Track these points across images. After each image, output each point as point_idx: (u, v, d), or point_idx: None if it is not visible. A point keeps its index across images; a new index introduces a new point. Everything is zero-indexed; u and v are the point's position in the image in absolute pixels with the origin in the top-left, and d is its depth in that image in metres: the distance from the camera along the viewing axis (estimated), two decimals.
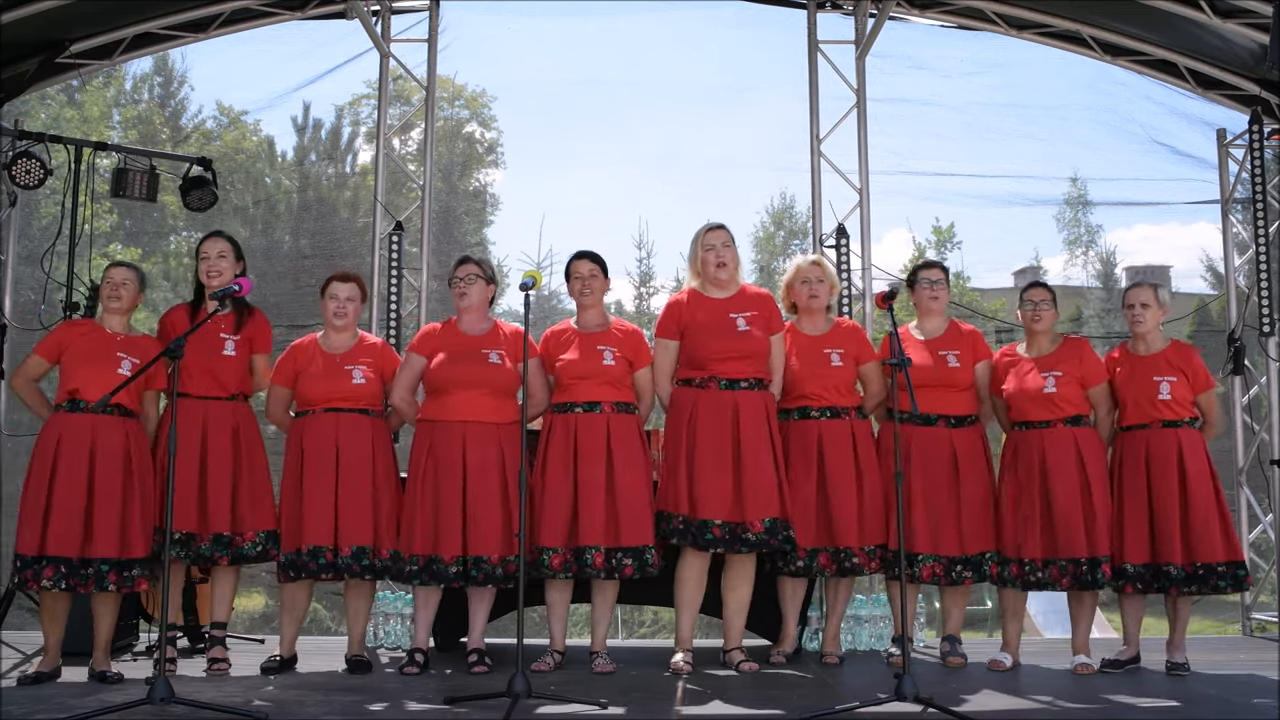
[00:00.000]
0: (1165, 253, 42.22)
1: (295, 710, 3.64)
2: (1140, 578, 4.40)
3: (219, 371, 4.37)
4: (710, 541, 4.25)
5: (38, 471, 4.09)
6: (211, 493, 4.29)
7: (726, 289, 4.50)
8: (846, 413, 4.55)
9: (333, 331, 4.53)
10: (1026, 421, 4.54)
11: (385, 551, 4.35)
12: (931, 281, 4.71)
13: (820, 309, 4.67)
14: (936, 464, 4.51)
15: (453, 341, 4.43)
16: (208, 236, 4.60)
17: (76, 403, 4.16)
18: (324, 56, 8.01)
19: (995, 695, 3.96)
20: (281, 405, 4.55)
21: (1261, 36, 5.73)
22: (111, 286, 4.34)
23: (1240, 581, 4.36)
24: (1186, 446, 4.39)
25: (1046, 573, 4.43)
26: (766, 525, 4.24)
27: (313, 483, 4.31)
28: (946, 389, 4.55)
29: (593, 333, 4.48)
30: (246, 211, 14.51)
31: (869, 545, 4.46)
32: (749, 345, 4.37)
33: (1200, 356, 4.56)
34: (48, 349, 4.30)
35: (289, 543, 4.34)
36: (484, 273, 4.54)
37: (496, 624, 4.93)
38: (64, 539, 4.02)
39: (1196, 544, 4.31)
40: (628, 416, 4.42)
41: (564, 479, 4.31)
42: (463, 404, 4.31)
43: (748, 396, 4.34)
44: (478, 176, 17.87)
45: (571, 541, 4.27)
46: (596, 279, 4.54)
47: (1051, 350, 4.60)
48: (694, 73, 30.40)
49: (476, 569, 4.22)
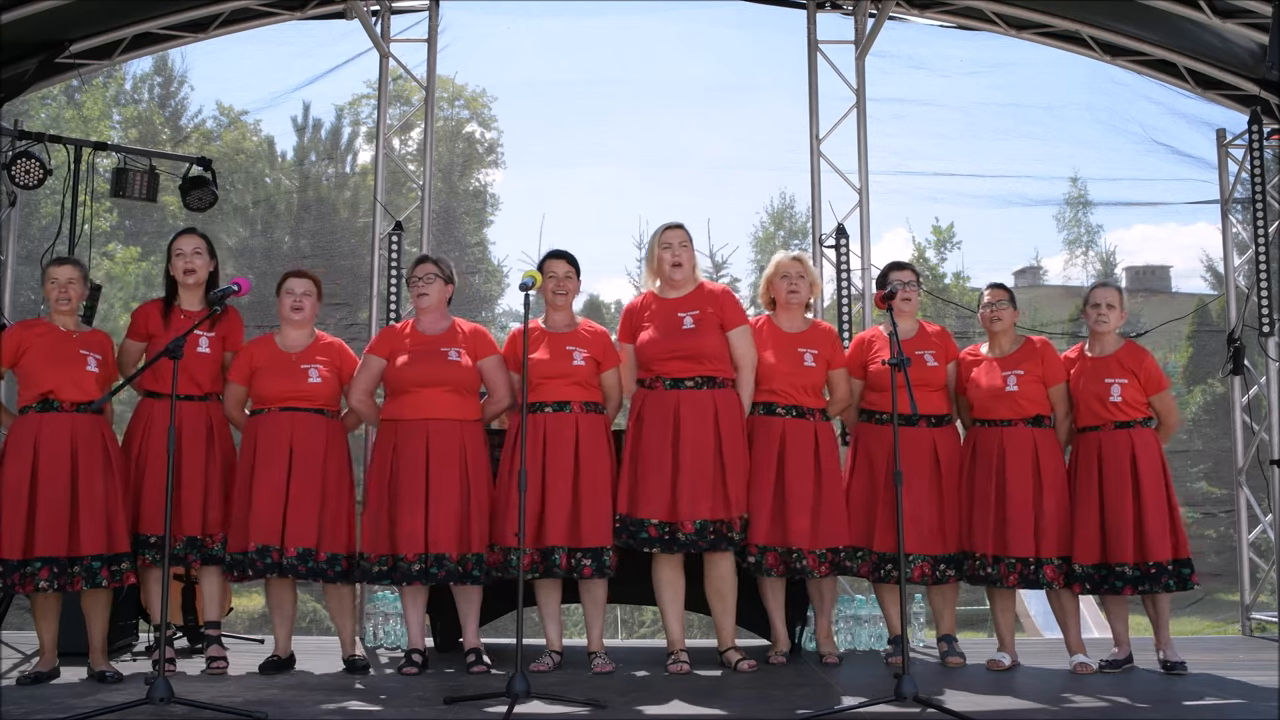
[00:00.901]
0: (1165, 253, 42.32)
1: (295, 710, 3.64)
2: (1089, 578, 4.42)
3: (193, 370, 4.34)
4: (645, 541, 4.24)
5: (16, 474, 4.03)
6: (184, 494, 4.26)
7: (681, 288, 4.47)
8: (812, 414, 4.53)
9: (289, 327, 4.49)
10: (988, 419, 4.57)
11: (323, 554, 4.29)
12: (904, 283, 4.69)
13: (799, 306, 4.64)
14: (920, 464, 4.50)
15: (412, 341, 4.42)
16: (181, 233, 4.57)
17: (50, 403, 4.12)
18: (324, 56, 8.01)
19: (995, 695, 3.96)
20: (237, 403, 4.50)
21: (1261, 36, 5.73)
22: (59, 288, 4.25)
23: (1185, 580, 4.37)
24: (1139, 446, 4.42)
25: (996, 569, 4.46)
26: (696, 526, 4.21)
27: (263, 482, 4.27)
28: (926, 388, 4.53)
29: (561, 333, 4.46)
30: (246, 211, 14.52)
31: (820, 548, 4.42)
32: (692, 344, 4.33)
33: (1153, 358, 4.58)
34: (4, 352, 4.20)
35: (236, 542, 4.29)
36: (442, 272, 4.51)
37: (496, 624, 4.94)
38: (52, 539, 4.00)
39: (1149, 543, 4.34)
40: (596, 416, 4.41)
41: (533, 479, 4.23)
42: (424, 402, 4.30)
43: (691, 396, 4.30)
44: (478, 176, 17.92)
45: (539, 541, 4.26)
46: (571, 280, 4.52)
47: (1013, 350, 4.64)
48: (694, 73, 30.51)
49: (437, 566, 4.21)
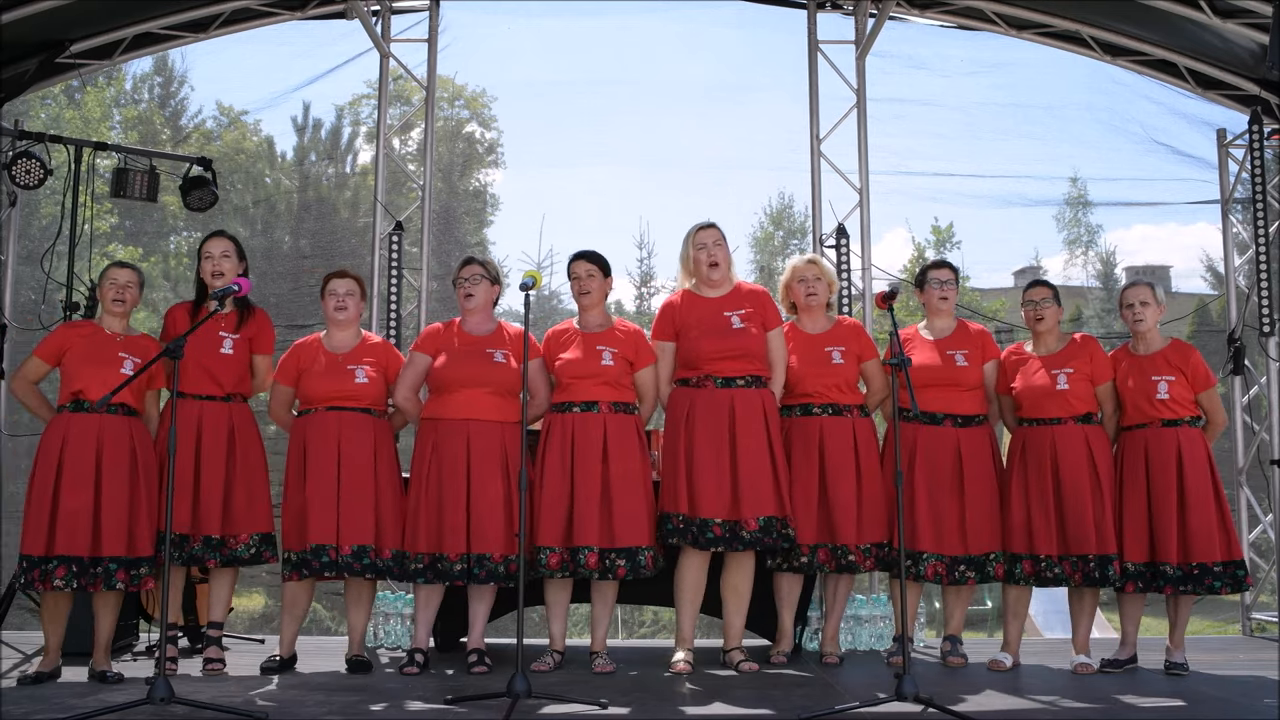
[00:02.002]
0: (1165, 253, 42.34)
1: (295, 710, 3.64)
2: (1140, 576, 4.40)
3: (215, 370, 4.36)
4: (711, 540, 4.25)
5: (43, 472, 4.08)
6: (204, 494, 4.28)
7: (720, 287, 4.50)
8: (848, 410, 4.55)
9: (335, 329, 4.53)
10: (1037, 418, 4.54)
11: (387, 551, 4.34)
12: (941, 282, 4.71)
13: (819, 307, 4.67)
14: (942, 463, 4.50)
15: (458, 341, 4.44)
16: (211, 236, 4.59)
17: (81, 403, 4.16)
18: (324, 56, 8.02)
19: (995, 695, 3.96)
20: (284, 404, 4.55)
21: (1261, 36, 5.73)
22: (117, 289, 4.32)
23: (1239, 582, 4.35)
24: (1186, 445, 4.39)
25: (1061, 568, 4.43)
26: (761, 523, 4.23)
27: (315, 481, 4.30)
28: (954, 388, 4.54)
29: (594, 333, 4.48)
30: (246, 211, 14.51)
31: (866, 543, 4.46)
32: (744, 343, 4.37)
33: (1200, 355, 4.55)
34: (48, 351, 4.28)
35: (294, 541, 4.33)
36: (488, 273, 4.54)
37: (496, 624, 4.94)
38: (73, 538, 4.01)
39: (1193, 543, 4.31)
40: (626, 416, 4.41)
41: (561, 479, 4.30)
42: (466, 403, 4.31)
43: (744, 394, 4.34)
44: (478, 176, 17.89)
45: (568, 541, 4.27)
46: (594, 279, 4.53)
47: (1060, 348, 4.60)
48: (694, 73, 30.51)
49: (479, 567, 4.22)
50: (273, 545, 4.44)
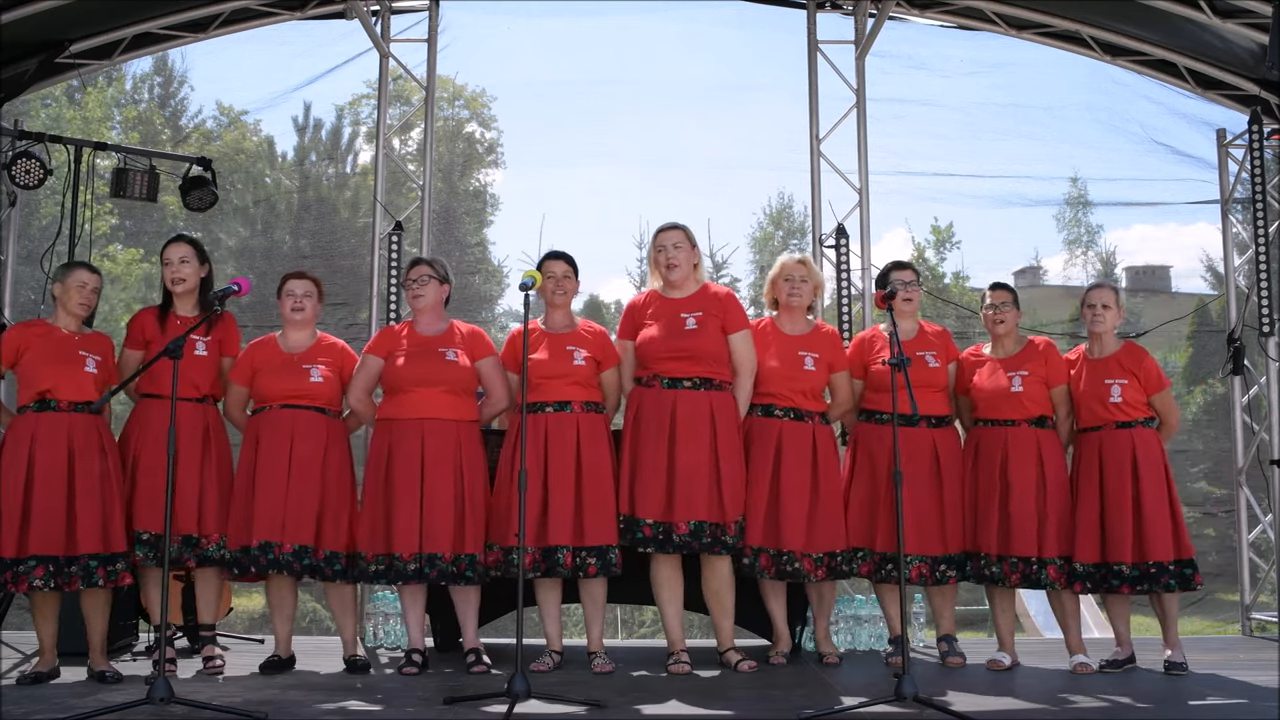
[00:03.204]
0: (1165, 253, 42.32)
1: (295, 710, 3.64)
2: (1090, 577, 4.43)
3: (190, 373, 4.34)
4: (641, 541, 4.24)
5: (10, 473, 4.05)
6: (179, 494, 4.26)
7: (681, 289, 4.46)
8: (809, 416, 4.52)
9: (291, 329, 4.52)
10: (991, 419, 4.58)
11: (321, 552, 4.30)
12: (905, 283, 4.69)
13: (800, 308, 4.63)
14: (920, 464, 4.50)
15: (410, 341, 4.44)
16: (169, 242, 4.59)
17: (47, 402, 4.14)
18: (324, 56, 8.01)
19: (995, 695, 3.96)
20: (238, 404, 4.53)
21: (1261, 36, 5.73)
22: (84, 293, 4.30)
23: (1188, 580, 4.37)
24: (1140, 446, 4.42)
25: (999, 568, 4.47)
26: (691, 527, 4.20)
27: (265, 478, 4.28)
28: (927, 389, 4.53)
29: (561, 333, 4.47)
30: (246, 211, 14.53)
31: (817, 552, 4.41)
32: (692, 344, 4.32)
33: (1153, 359, 4.58)
34: (4, 352, 4.22)
35: (237, 538, 4.30)
36: (437, 273, 4.53)
37: (496, 624, 4.94)
38: (48, 538, 4.01)
39: (1148, 543, 4.34)
40: (596, 416, 4.41)
41: (534, 478, 4.23)
42: (421, 402, 4.31)
43: (689, 396, 4.30)
44: (478, 176, 17.90)
45: (542, 540, 4.26)
46: (569, 279, 4.53)
47: (1017, 351, 4.65)
48: (694, 73, 30.50)
49: (430, 566, 4.21)
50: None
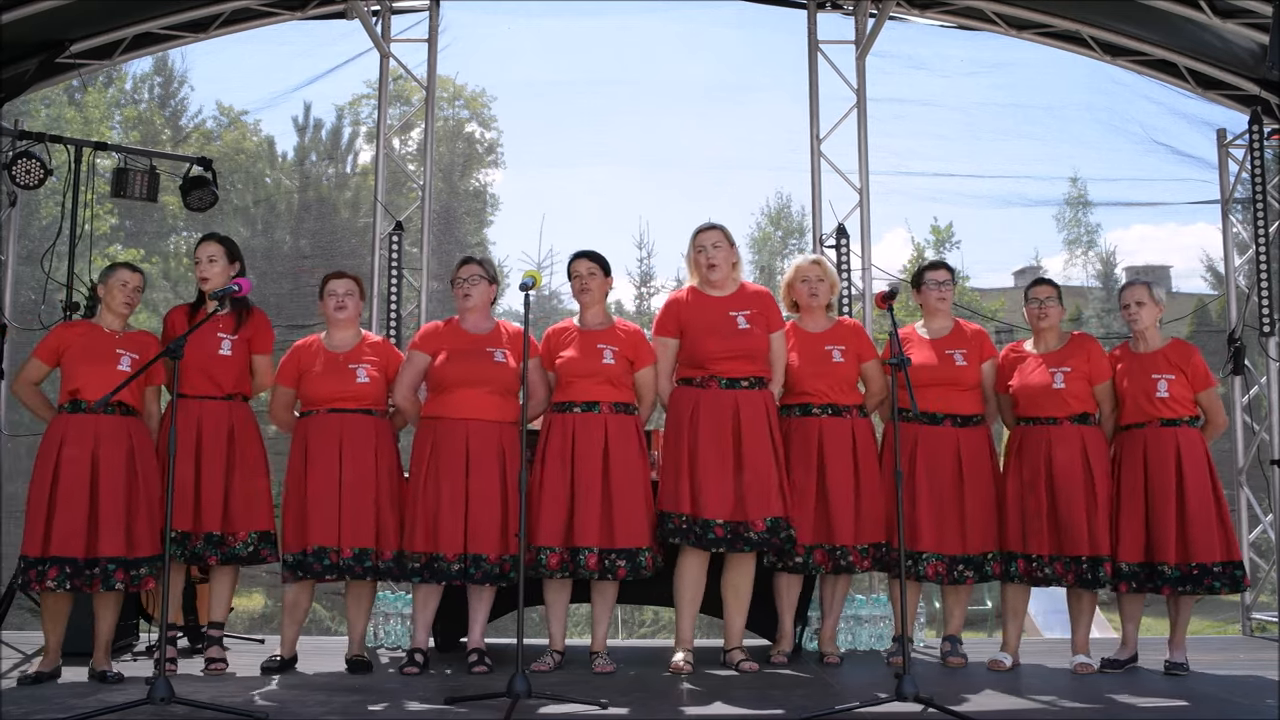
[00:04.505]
0: (1165, 253, 42.21)
1: (295, 710, 3.64)
2: (1135, 576, 4.40)
3: (214, 371, 4.36)
4: (713, 541, 4.25)
5: (41, 473, 4.09)
6: (204, 492, 4.28)
7: (723, 288, 4.49)
8: (847, 410, 4.55)
9: (335, 328, 4.53)
10: (1034, 417, 4.54)
11: (388, 553, 4.34)
12: (938, 282, 4.73)
13: (820, 307, 4.69)
14: (942, 463, 4.51)
15: (457, 340, 4.43)
16: (201, 240, 4.60)
17: (78, 403, 4.16)
18: (324, 56, 8.02)
19: (995, 695, 3.96)
20: (285, 406, 4.55)
21: (1261, 36, 5.73)
22: (126, 292, 4.32)
23: (1237, 582, 4.34)
24: (1184, 445, 4.38)
25: (1052, 568, 4.44)
26: (768, 524, 4.24)
27: (317, 483, 4.31)
28: (953, 388, 4.55)
29: (594, 331, 4.48)
30: (246, 211, 14.52)
31: (863, 544, 4.47)
32: (748, 344, 4.37)
33: (1201, 355, 4.55)
34: (46, 352, 4.28)
35: (294, 543, 4.33)
36: (486, 273, 4.54)
37: (496, 624, 4.93)
38: (68, 540, 4.01)
39: (1192, 544, 4.30)
40: (626, 417, 4.41)
41: (561, 479, 4.30)
42: (466, 402, 4.31)
43: (748, 396, 4.34)
44: (478, 176, 17.89)
45: (567, 541, 4.27)
46: (595, 277, 4.53)
47: (1059, 347, 4.60)
48: (694, 73, 30.44)
49: (475, 567, 4.22)
50: (272, 544, 4.43)
